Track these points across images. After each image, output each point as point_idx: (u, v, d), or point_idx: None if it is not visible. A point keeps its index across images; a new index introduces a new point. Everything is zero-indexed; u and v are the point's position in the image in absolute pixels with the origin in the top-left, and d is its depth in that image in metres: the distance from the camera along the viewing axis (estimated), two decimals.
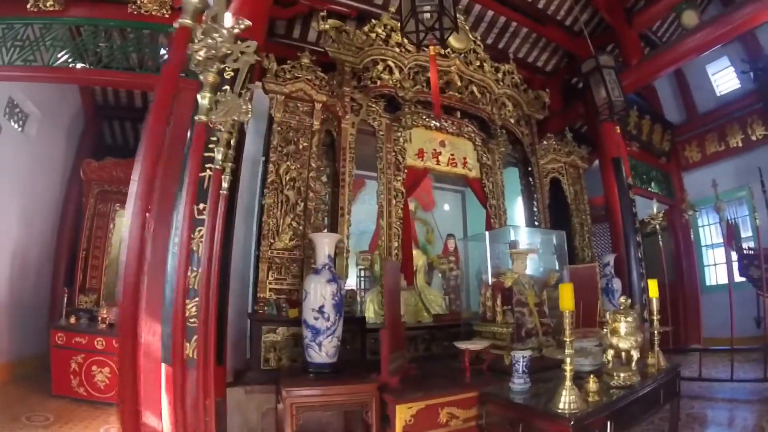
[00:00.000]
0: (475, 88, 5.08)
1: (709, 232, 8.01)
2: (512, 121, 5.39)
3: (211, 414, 2.47)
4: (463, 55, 4.96)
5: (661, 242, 5.52)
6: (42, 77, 3.64)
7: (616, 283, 5.03)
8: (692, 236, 7.62)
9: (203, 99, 1.95)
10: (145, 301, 3.05)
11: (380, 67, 4.55)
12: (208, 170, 3.09)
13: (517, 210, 5.69)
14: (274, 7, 4.61)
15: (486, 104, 5.16)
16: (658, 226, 5.40)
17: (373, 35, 4.51)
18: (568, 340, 2.20)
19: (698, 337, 7.14)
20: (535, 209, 5.43)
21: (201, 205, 3.00)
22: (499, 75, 5.26)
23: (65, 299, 4.73)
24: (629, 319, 2.69)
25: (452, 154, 5.11)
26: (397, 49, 4.60)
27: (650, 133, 7.05)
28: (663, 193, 7.26)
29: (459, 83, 4.94)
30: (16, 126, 4.93)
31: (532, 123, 5.57)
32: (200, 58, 1.74)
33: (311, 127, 3.90)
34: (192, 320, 2.80)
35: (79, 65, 3.48)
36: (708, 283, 7.78)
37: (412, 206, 5.50)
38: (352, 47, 4.41)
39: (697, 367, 5.25)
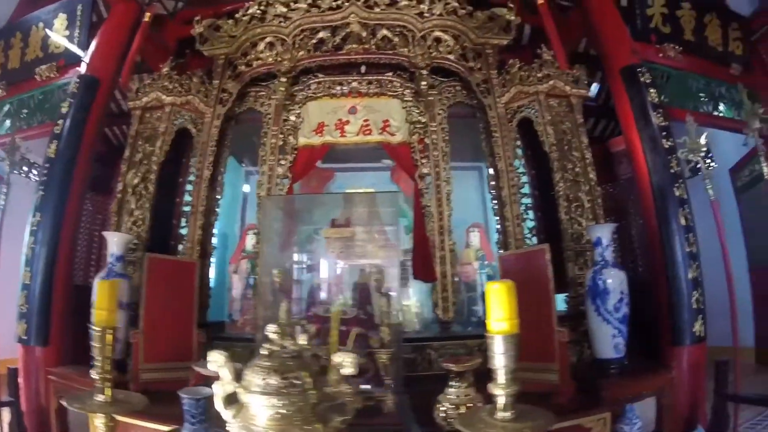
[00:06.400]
0: (387, 32, 3.99)
1: None
2: (452, 57, 3.95)
3: None
4: None
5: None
6: None
7: (613, 278, 2.78)
8: None
9: None
10: None
11: (261, 46, 4.10)
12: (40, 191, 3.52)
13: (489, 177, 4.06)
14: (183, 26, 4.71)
15: (406, 46, 3.97)
16: (702, 164, 2.83)
17: (247, 18, 4.12)
18: None
19: None
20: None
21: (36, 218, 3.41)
22: (423, 6, 3.95)
23: None
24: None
25: (366, 120, 4.10)
26: (275, 22, 4.06)
27: (699, 30, 3.90)
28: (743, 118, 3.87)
29: (363, 33, 3.98)
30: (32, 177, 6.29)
31: (488, 53, 3.92)
32: None
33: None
34: (22, 307, 3.28)
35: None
36: None
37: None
38: (225, 38, 4.14)
39: None
